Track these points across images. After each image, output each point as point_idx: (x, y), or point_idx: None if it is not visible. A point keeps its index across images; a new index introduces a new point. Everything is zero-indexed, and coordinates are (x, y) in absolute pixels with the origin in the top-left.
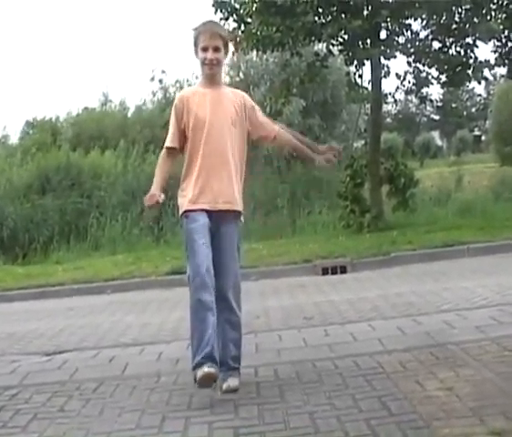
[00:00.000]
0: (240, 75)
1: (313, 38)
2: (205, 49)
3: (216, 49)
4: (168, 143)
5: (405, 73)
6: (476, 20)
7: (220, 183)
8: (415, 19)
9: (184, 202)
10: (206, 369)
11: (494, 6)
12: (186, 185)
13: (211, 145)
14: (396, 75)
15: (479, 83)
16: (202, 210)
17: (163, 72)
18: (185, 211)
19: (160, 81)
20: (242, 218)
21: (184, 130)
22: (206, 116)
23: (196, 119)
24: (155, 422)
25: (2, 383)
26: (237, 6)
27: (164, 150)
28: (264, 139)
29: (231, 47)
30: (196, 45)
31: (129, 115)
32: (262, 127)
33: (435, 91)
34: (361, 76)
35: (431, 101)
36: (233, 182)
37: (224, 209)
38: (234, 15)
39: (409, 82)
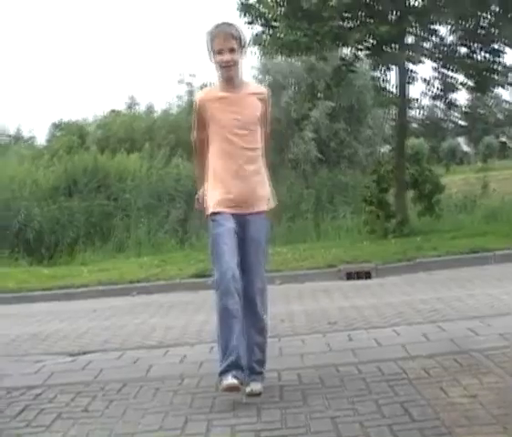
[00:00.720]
0: (268, 78)
1: (340, 43)
2: (220, 52)
3: (231, 50)
4: (195, 137)
5: (432, 78)
6: (503, 25)
7: (243, 186)
8: (442, 24)
9: (210, 204)
10: (230, 379)
11: None
12: (210, 187)
13: (232, 148)
14: (424, 80)
15: (505, 89)
16: (228, 213)
17: (192, 75)
18: (211, 213)
19: (188, 84)
20: (272, 206)
21: (206, 128)
22: (225, 121)
23: (216, 124)
24: (178, 424)
25: (26, 383)
26: (263, 10)
27: (195, 143)
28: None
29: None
30: (211, 49)
31: (156, 118)
32: (264, 124)
33: (461, 97)
34: (387, 81)
35: (457, 107)
36: (256, 182)
37: (248, 213)
38: (260, 19)
39: (436, 87)
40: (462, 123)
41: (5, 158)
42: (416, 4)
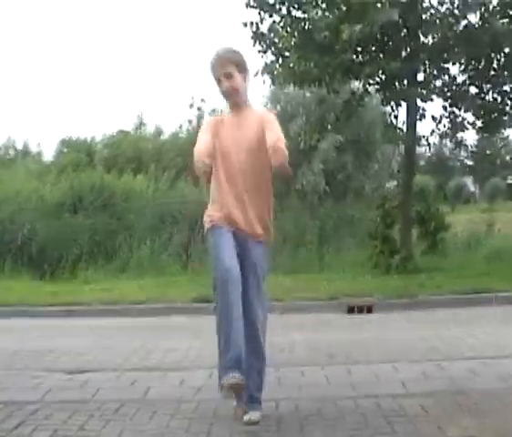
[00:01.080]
0: (278, 107)
1: (351, 76)
2: (219, 80)
3: (229, 76)
4: (202, 167)
5: (441, 116)
6: None
7: (243, 211)
8: (454, 63)
9: (208, 221)
10: (230, 378)
11: None
12: (211, 209)
13: (232, 173)
14: (432, 117)
15: None
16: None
17: (203, 100)
18: (211, 226)
19: (199, 109)
20: (271, 236)
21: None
22: (227, 145)
23: (221, 147)
24: None
25: (23, 398)
26: (276, 40)
27: (201, 175)
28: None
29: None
30: (213, 78)
31: (164, 140)
32: (267, 136)
33: (469, 136)
34: (396, 117)
35: (465, 146)
36: (256, 208)
37: (248, 235)
38: (273, 48)
39: (444, 126)
40: (469, 163)
41: (11, 172)
42: (429, 41)
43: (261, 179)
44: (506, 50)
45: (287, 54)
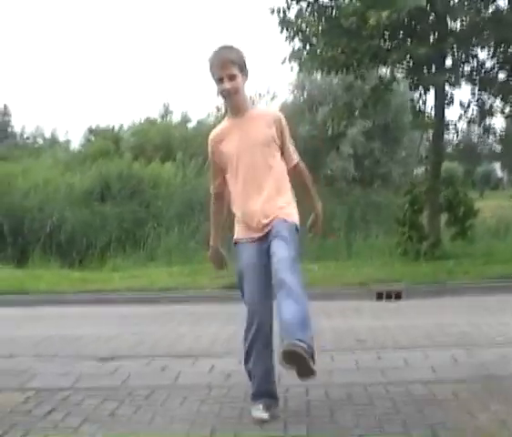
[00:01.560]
0: (305, 94)
1: (378, 62)
2: (220, 80)
3: (231, 77)
4: (212, 189)
5: (469, 102)
6: None
7: (262, 208)
8: (482, 48)
9: (235, 232)
10: (256, 411)
11: None
12: (235, 215)
13: (246, 175)
14: (460, 103)
15: None
16: (251, 241)
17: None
18: (235, 241)
19: None
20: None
21: (221, 170)
22: (234, 150)
23: (226, 157)
24: (205, 433)
25: (54, 384)
26: (303, 27)
27: (212, 196)
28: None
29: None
30: (212, 76)
31: (191, 128)
32: (285, 152)
33: (498, 122)
34: (424, 103)
35: (494, 132)
36: (276, 200)
37: (268, 224)
38: (300, 35)
39: (472, 111)
40: (497, 148)
41: (39, 161)
42: (457, 26)
43: (274, 173)
44: None
45: (314, 40)
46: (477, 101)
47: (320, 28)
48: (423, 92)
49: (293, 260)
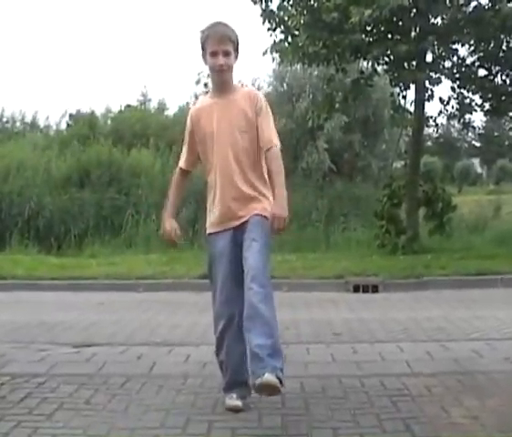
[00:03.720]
0: (284, 86)
1: (359, 56)
2: (214, 54)
3: (226, 53)
4: (181, 163)
5: (449, 98)
6: None
7: (236, 198)
8: (463, 45)
9: (207, 222)
10: (228, 400)
11: None
12: (208, 202)
13: (221, 158)
14: (440, 99)
15: None
16: (223, 230)
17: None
18: (209, 233)
19: (205, 85)
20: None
21: (196, 148)
22: (212, 129)
23: (203, 134)
24: (179, 423)
25: (30, 370)
26: (285, 19)
27: (178, 169)
28: (259, 149)
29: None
30: (204, 49)
31: (172, 116)
32: (260, 133)
33: (477, 118)
34: (405, 97)
35: (473, 128)
36: (251, 189)
37: (244, 215)
38: (282, 27)
39: (452, 107)
40: (477, 144)
41: (17, 145)
42: (438, 22)
43: (252, 160)
44: None
45: (296, 32)
46: (457, 97)
47: (302, 21)
48: (403, 87)
49: (265, 272)
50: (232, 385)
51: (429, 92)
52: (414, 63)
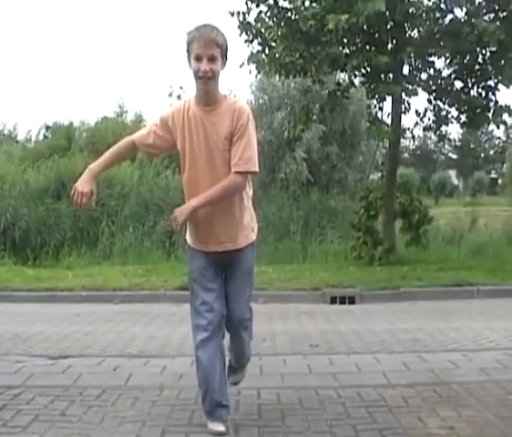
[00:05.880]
0: (265, 97)
1: (336, 68)
2: (198, 58)
3: (211, 59)
4: (135, 138)
5: (425, 110)
6: (500, 63)
7: (216, 222)
8: (439, 57)
9: (187, 235)
10: (211, 424)
11: None
12: (188, 230)
13: (197, 170)
14: (416, 111)
15: (498, 127)
16: (207, 250)
17: (181, 88)
18: (189, 246)
19: (178, 97)
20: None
21: (159, 143)
22: (191, 140)
23: (183, 143)
24: (155, 435)
25: (5, 382)
26: (262, 30)
27: (130, 140)
28: None
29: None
30: (188, 52)
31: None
32: (232, 152)
33: (454, 130)
34: (381, 109)
35: (449, 140)
36: (233, 214)
37: (226, 250)
38: (259, 38)
39: (429, 119)
40: (453, 156)
41: None
42: (415, 35)
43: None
44: (492, 47)
45: (273, 44)
46: (434, 109)
47: (279, 32)
48: (379, 99)
49: (249, 303)
50: (213, 408)
51: (406, 104)
52: (390, 75)
